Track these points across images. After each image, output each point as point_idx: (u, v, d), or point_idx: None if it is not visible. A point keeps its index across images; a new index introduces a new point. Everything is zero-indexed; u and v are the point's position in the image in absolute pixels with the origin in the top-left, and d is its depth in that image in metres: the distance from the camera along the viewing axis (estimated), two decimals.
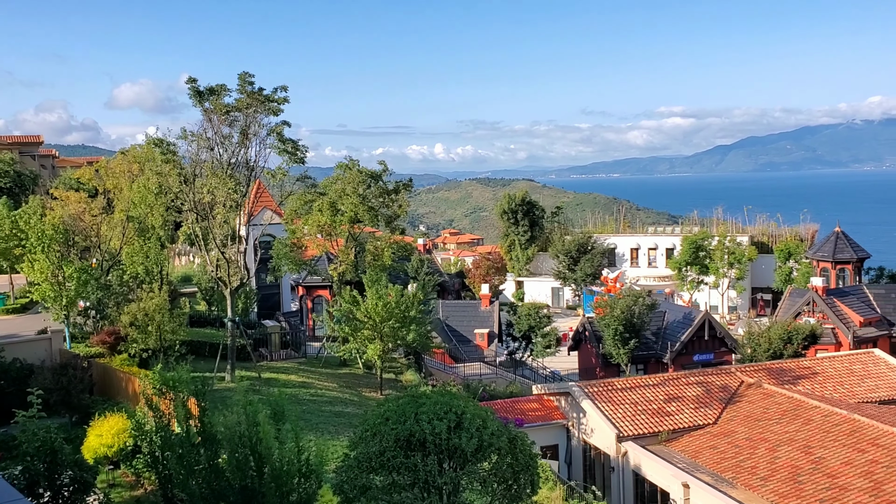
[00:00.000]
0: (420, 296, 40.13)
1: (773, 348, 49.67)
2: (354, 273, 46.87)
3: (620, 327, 49.49)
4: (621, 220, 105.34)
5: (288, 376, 39.55)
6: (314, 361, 44.82)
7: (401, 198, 49.24)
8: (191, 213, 37.72)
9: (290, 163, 38.15)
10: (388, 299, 37.59)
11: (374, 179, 47.77)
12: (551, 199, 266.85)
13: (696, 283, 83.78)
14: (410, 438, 16.06)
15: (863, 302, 63.60)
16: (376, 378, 40.16)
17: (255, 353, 41.40)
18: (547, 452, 35.22)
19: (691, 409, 34.54)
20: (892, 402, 37.63)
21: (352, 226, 47.22)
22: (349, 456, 17.01)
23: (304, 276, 57.44)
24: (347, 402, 36.53)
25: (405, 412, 16.45)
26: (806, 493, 25.82)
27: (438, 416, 16.04)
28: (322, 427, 31.08)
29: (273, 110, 36.39)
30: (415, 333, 38.41)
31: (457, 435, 15.92)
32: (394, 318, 37.48)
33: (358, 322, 37.85)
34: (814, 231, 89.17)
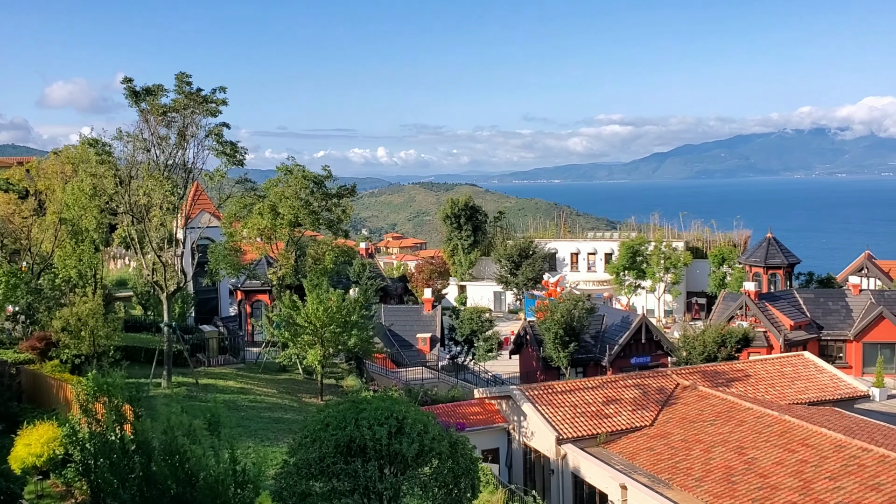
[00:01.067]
0: (362, 300, 39.93)
1: (708, 351, 50.89)
2: (295, 277, 46.37)
3: (561, 331, 50.06)
4: (562, 226, 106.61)
5: (226, 382, 38.90)
6: (253, 367, 44.18)
7: (344, 202, 48.95)
8: (126, 216, 36.85)
9: (229, 165, 37.63)
10: (330, 304, 37.29)
11: (317, 184, 47.38)
12: (494, 203, 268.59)
13: (633, 287, 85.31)
14: (351, 444, 15.97)
15: (793, 306, 65.68)
16: (317, 384, 39.79)
17: (193, 359, 40.61)
18: (488, 456, 35.39)
19: (629, 411, 35.13)
20: (820, 403, 38.91)
21: (292, 230, 46.72)
22: (288, 462, 16.82)
23: (244, 280, 56.60)
24: (287, 408, 36.10)
25: (345, 418, 16.35)
26: (739, 493, 26.49)
27: (379, 422, 15.99)
28: (261, 433, 30.65)
29: (211, 111, 35.84)
30: (356, 338, 38.17)
31: (397, 440, 15.89)
32: (335, 322, 37.18)
33: (298, 327, 37.44)
34: (746, 237, 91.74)
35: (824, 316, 65.80)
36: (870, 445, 27.46)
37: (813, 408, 36.96)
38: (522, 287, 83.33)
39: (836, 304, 66.82)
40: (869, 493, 24.61)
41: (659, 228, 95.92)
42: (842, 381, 41.82)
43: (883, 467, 25.93)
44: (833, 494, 25.01)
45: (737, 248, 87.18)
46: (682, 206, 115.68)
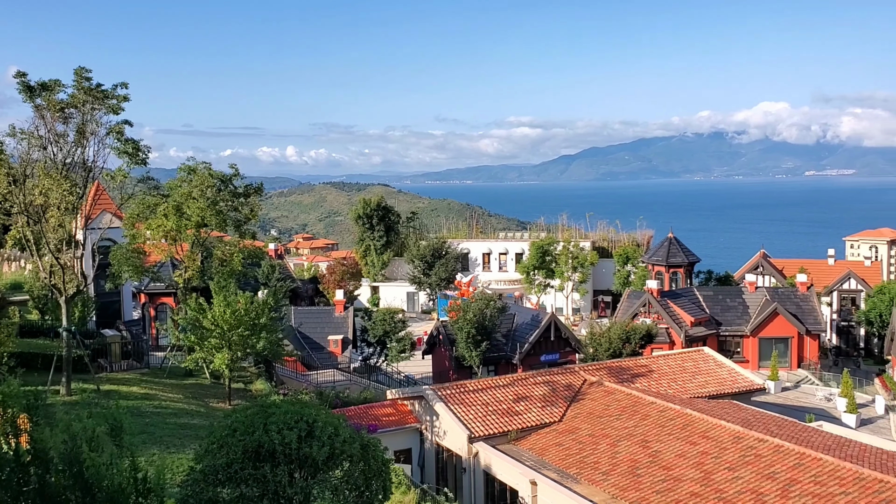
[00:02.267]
0: (271, 302, 39.21)
1: (613, 347, 52.29)
2: (201, 279, 45.19)
3: (473, 330, 50.49)
4: (474, 226, 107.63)
5: (129, 388, 37.58)
6: (158, 372, 42.82)
7: (251, 201, 47.97)
8: (21, 216, 35.08)
9: (132, 164, 36.28)
10: (237, 306, 36.49)
11: (223, 183, 46.27)
12: (407, 204, 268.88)
13: (543, 286, 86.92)
14: (259, 449, 15.69)
15: (693, 303, 68.27)
16: (224, 388, 38.87)
17: (94, 365, 39.03)
18: (400, 457, 35.38)
19: (538, 408, 35.75)
20: (719, 396, 40.56)
21: (198, 230, 45.49)
22: (195, 469, 16.38)
23: (147, 282, 54.79)
24: (194, 413, 35.15)
25: (254, 422, 16.05)
26: (644, 486, 27.34)
27: (289, 426, 15.76)
28: (167, 440, 29.73)
29: (113, 108, 34.49)
30: (265, 341, 37.47)
31: (308, 444, 15.70)
32: (243, 325, 36.41)
33: (205, 330, 36.48)
34: (649, 237, 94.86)
35: (723, 312, 68.65)
36: (766, 436, 28.79)
37: (713, 401, 38.49)
38: (435, 287, 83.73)
39: (734, 301, 69.82)
40: (765, 482, 25.80)
41: (567, 229, 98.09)
42: (739, 375, 43.71)
43: (778, 457, 27.23)
44: (732, 484, 26.11)
45: (640, 247, 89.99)
46: (589, 206, 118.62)
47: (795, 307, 68.61)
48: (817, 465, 26.09)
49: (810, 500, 24.18)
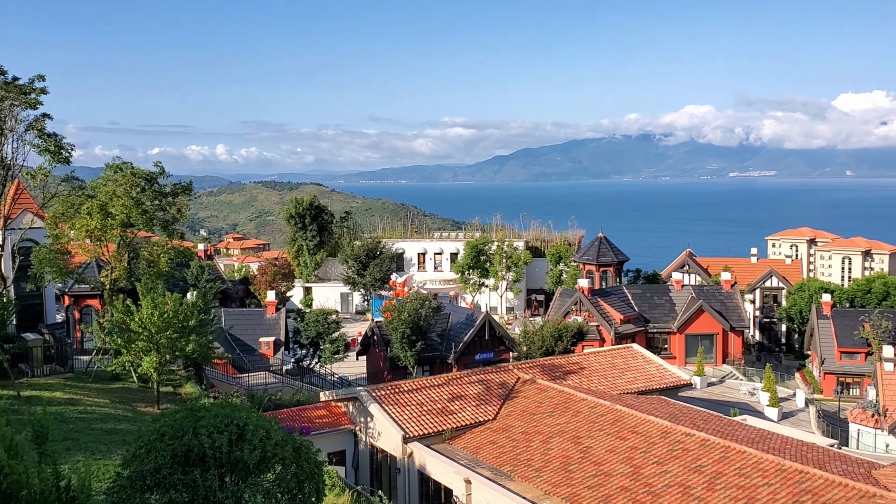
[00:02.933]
0: (200, 304, 38.42)
1: (546, 345, 53.00)
2: (128, 281, 43.98)
3: (408, 330, 50.46)
4: (409, 226, 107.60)
5: (52, 393, 36.31)
6: (83, 376, 41.49)
7: (179, 201, 46.87)
8: None
9: (53, 162, 35.16)
10: (166, 308, 35.65)
11: (149, 182, 45.08)
12: (340, 203, 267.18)
13: (477, 285, 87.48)
14: (189, 454, 15.35)
15: (623, 301, 69.70)
16: (153, 392, 37.93)
17: (14, 370, 37.59)
18: (334, 459, 35.12)
19: (473, 407, 35.96)
20: (648, 392, 41.50)
21: (124, 230, 44.24)
22: (122, 475, 15.94)
23: (71, 284, 53.02)
24: (121, 418, 34.18)
25: (183, 426, 15.69)
26: (575, 481, 27.79)
27: (219, 429, 15.46)
28: (92, 446, 28.83)
29: (30, 103, 33.29)
30: (195, 344, 36.70)
31: (238, 447, 15.44)
32: (171, 328, 35.59)
33: (132, 333, 35.53)
34: (580, 236, 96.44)
35: (651, 310, 70.30)
36: (692, 430, 29.59)
37: (642, 397, 39.35)
38: (370, 287, 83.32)
39: (661, 298, 71.56)
40: (692, 475, 26.53)
41: (501, 229, 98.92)
42: (667, 370, 44.80)
43: (704, 450, 28.03)
44: (660, 478, 26.76)
45: (572, 246, 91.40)
46: (522, 207, 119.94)
47: (720, 305, 70.70)
48: (741, 458, 26.95)
49: (735, 492, 24.95)
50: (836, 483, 24.34)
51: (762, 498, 24.27)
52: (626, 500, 25.76)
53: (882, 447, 48.09)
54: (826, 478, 24.72)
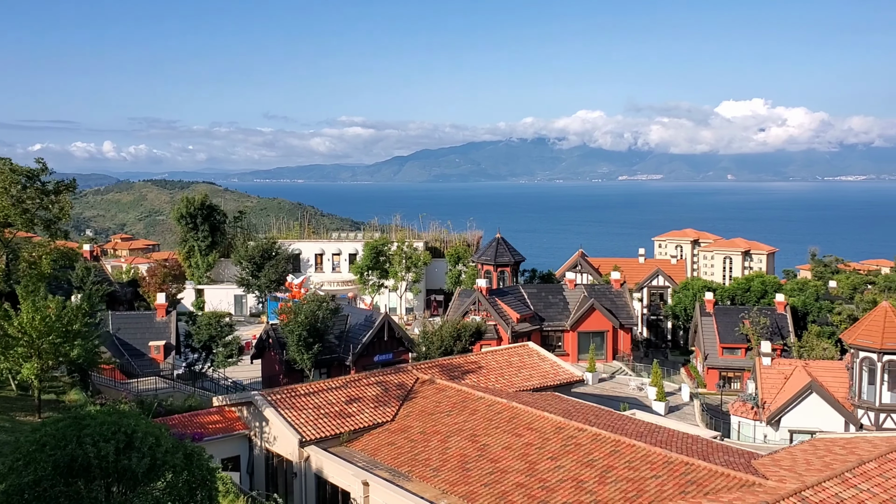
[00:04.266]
0: (86, 307, 36.70)
1: (445, 345, 53.38)
2: (6, 283, 41.56)
3: (304, 332, 49.74)
4: (306, 226, 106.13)
5: None
6: None
7: (62, 199, 44.67)
8: None
9: None
10: (48, 312, 33.87)
11: (30, 179, 42.77)
12: (234, 203, 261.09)
13: (377, 286, 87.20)
14: (72, 464, 14.66)
15: (519, 300, 71.03)
16: (33, 400, 35.97)
17: None
18: (228, 465, 34.29)
19: (371, 409, 35.83)
20: (543, 389, 42.44)
21: (2, 230, 41.78)
22: None
23: None
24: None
25: (66, 435, 14.98)
26: (472, 479, 28.12)
27: (105, 438, 14.85)
28: None
29: None
30: (80, 349, 35.03)
31: (126, 456, 14.87)
32: (54, 332, 33.84)
33: (10, 338, 33.57)
34: (479, 237, 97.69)
35: (546, 308, 71.94)
36: (585, 426, 30.47)
37: (537, 394, 40.23)
38: (265, 289, 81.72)
39: (556, 297, 73.35)
40: (584, 469, 27.31)
41: (401, 229, 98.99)
42: (561, 367, 45.93)
43: (596, 445, 28.91)
44: (554, 473, 27.42)
45: (470, 247, 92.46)
46: (422, 207, 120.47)
47: (610, 303, 73.07)
48: (631, 452, 27.95)
49: (625, 484, 25.85)
50: (719, 473, 25.58)
51: (650, 489, 25.23)
52: (521, 496, 26.26)
53: (761, 438, 50.84)
54: (710, 468, 25.94)
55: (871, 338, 46.54)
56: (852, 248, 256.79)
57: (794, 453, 30.12)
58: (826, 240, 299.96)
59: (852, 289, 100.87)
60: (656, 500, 24.59)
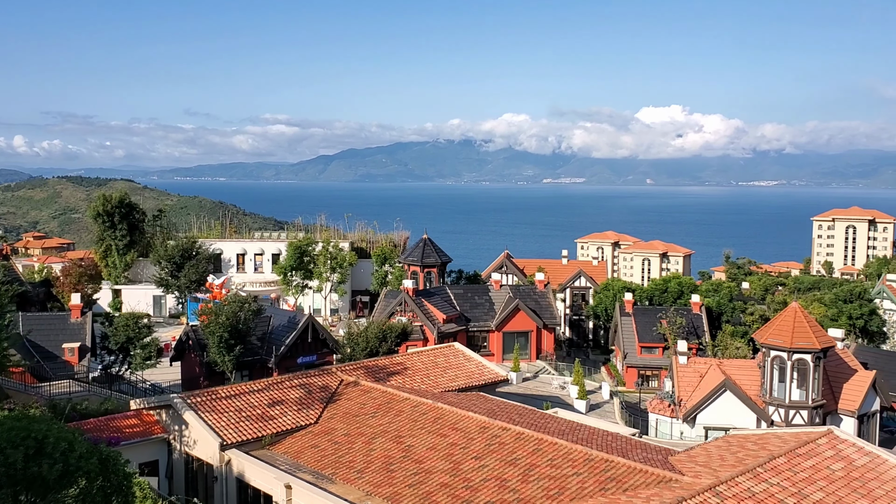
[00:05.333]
0: None
1: (371, 347, 53.13)
2: None
3: (226, 334, 48.83)
4: (228, 226, 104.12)
5: None
6: None
7: None
8: None
9: None
10: None
11: None
12: (153, 201, 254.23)
13: (301, 287, 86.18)
14: None
15: (445, 301, 71.32)
16: None
17: None
18: (146, 469, 33.37)
19: (294, 411, 35.41)
20: (468, 389, 42.70)
21: None
22: None
23: None
24: None
25: None
26: (397, 480, 28.09)
27: (13, 444, 14.26)
28: None
29: None
30: None
31: (36, 462, 14.31)
32: None
33: None
34: (405, 238, 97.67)
35: (471, 309, 72.45)
36: (509, 425, 30.81)
37: (462, 394, 40.45)
38: (185, 290, 79.78)
39: (482, 298, 73.96)
40: (508, 468, 27.61)
41: (326, 229, 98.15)
42: (486, 367, 46.31)
43: (519, 444, 29.27)
44: (478, 472, 27.64)
45: (397, 248, 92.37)
46: (348, 207, 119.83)
47: (534, 303, 74.11)
48: (553, 450, 28.40)
49: (547, 482, 26.25)
50: (637, 470, 26.24)
51: (572, 487, 25.70)
52: (445, 496, 26.38)
53: (677, 434, 52.36)
54: (629, 465, 26.58)
55: (782, 337, 48.47)
56: (764, 251, 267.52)
57: (709, 449, 31.14)
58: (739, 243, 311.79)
59: (764, 290, 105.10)
60: (577, 497, 25.06)
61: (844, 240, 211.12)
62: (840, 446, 29.67)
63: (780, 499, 24.60)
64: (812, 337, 48.02)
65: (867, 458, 28.94)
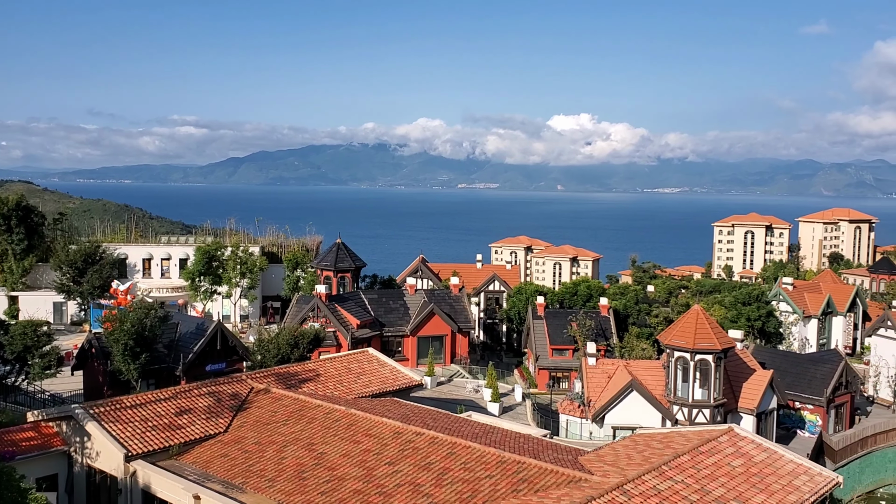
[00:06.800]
0: None
1: (282, 353, 52.34)
2: None
3: (131, 342, 47.24)
4: (133, 229, 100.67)
5: None
6: None
7: None
8: None
9: None
10: None
11: None
12: (54, 204, 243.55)
13: (209, 293, 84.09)
14: None
15: (359, 306, 70.89)
16: None
17: None
18: (44, 484, 31.94)
19: (203, 420, 34.55)
20: (382, 394, 42.60)
21: None
22: None
23: None
24: None
25: None
26: (309, 489, 27.77)
27: None
28: None
29: None
30: None
31: None
32: None
33: None
34: (318, 242, 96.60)
35: (386, 314, 72.27)
36: (422, 429, 30.89)
37: (376, 399, 40.33)
38: (88, 296, 76.67)
39: (396, 303, 73.87)
40: (422, 473, 27.68)
41: (235, 233, 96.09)
42: (400, 372, 46.32)
43: (433, 448, 29.38)
44: (392, 478, 27.61)
45: (310, 252, 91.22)
46: (258, 211, 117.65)
47: (449, 307, 74.53)
48: (467, 453, 28.64)
49: (461, 485, 26.45)
50: (548, 470, 26.74)
51: (485, 489, 25.97)
52: (358, 503, 26.24)
53: (587, 435, 53.60)
54: (540, 466, 27.06)
55: (685, 338, 50.29)
56: (668, 256, 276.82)
57: (617, 449, 32.02)
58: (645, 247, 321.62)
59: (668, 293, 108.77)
60: (490, 499, 25.35)
61: (743, 245, 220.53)
62: (740, 443, 31.01)
63: (684, 495, 25.51)
64: (713, 338, 50.02)
65: (765, 455, 30.34)
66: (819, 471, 30.04)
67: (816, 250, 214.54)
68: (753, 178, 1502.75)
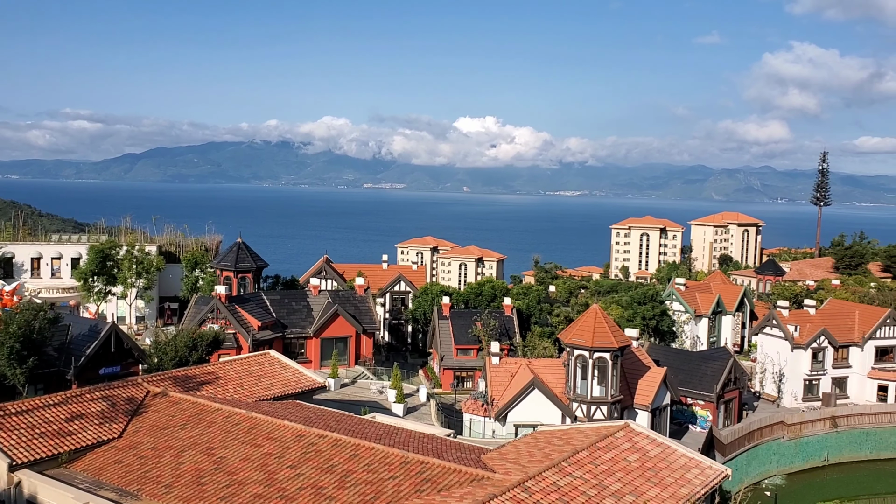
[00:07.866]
0: None
1: (180, 356, 50.87)
2: None
3: (17, 345, 44.96)
4: (21, 227, 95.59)
5: None
6: None
7: None
8: None
9: None
10: None
11: None
12: None
13: (103, 293, 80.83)
14: None
15: (261, 307, 69.60)
16: None
17: None
18: None
19: (95, 426, 33.20)
20: (284, 397, 41.94)
21: None
22: None
23: None
24: None
25: None
26: (208, 494, 27.09)
27: None
28: None
29: None
30: None
31: None
32: None
33: None
34: (218, 241, 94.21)
35: (289, 315, 71.24)
36: (325, 432, 30.62)
37: (277, 402, 39.70)
38: None
39: (299, 304, 72.91)
40: (324, 476, 27.44)
41: (131, 232, 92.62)
42: (303, 375, 45.71)
43: (336, 450, 29.17)
44: (294, 482, 27.26)
45: (209, 252, 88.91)
46: (156, 209, 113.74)
47: (354, 308, 74.11)
48: (370, 455, 28.57)
49: (364, 487, 26.37)
50: (452, 470, 26.99)
51: (388, 490, 25.99)
52: None
53: (490, 433, 54.33)
54: (444, 466, 27.28)
55: (584, 337, 51.68)
56: (569, 256, 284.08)
57: (519, 446, 32.62)
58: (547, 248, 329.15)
59: (568, 293, 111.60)
60: (394, 500, 25.38)
61: (639, 246, 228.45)
62: (636, 439, 32.13)
63: (582, 490, 26.23)
64: (611, 336, 51.60)
65: (659, 449, 31.54)
66: (709, 464, 31.46)
67: (707, 252, 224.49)
68: (649, 183, 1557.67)
